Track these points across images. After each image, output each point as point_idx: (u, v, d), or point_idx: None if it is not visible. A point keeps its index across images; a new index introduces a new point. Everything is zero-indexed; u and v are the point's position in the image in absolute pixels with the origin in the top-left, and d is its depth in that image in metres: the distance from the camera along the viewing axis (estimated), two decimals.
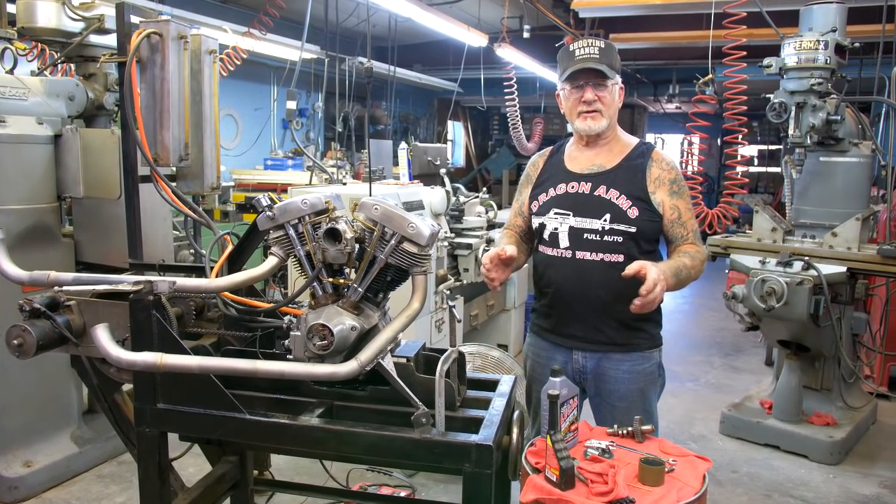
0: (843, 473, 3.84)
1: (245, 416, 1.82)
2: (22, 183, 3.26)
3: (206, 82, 3.28)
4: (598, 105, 2.22)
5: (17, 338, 1.90)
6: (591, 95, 2.21)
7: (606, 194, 2.20)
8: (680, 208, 2.22)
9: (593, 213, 2.21)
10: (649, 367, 2.28)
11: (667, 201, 2.21)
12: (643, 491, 1.61)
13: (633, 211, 2.18)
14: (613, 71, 2.21)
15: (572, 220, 2.23)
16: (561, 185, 2.29)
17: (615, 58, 2.23)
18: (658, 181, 2.22)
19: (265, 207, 1.83)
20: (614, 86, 2.23)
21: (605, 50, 2.20)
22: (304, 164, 8.31)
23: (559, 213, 2.25)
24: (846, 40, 3.86)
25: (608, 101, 2.22)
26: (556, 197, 2.28)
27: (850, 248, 3.80)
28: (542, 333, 2.40)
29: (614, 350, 2.26)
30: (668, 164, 2.26)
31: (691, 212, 2.25)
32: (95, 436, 3.67)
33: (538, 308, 2.42)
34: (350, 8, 7.47)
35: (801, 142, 3.89)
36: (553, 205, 2.27)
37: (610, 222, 2.18)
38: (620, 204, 2.18)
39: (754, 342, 6.30)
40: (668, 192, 2.21)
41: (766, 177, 14.91)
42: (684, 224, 2.23)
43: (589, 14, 7.72)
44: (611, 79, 2.21)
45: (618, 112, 2.29)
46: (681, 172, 2.29)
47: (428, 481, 3.49)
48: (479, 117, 15.87)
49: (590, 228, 2.20)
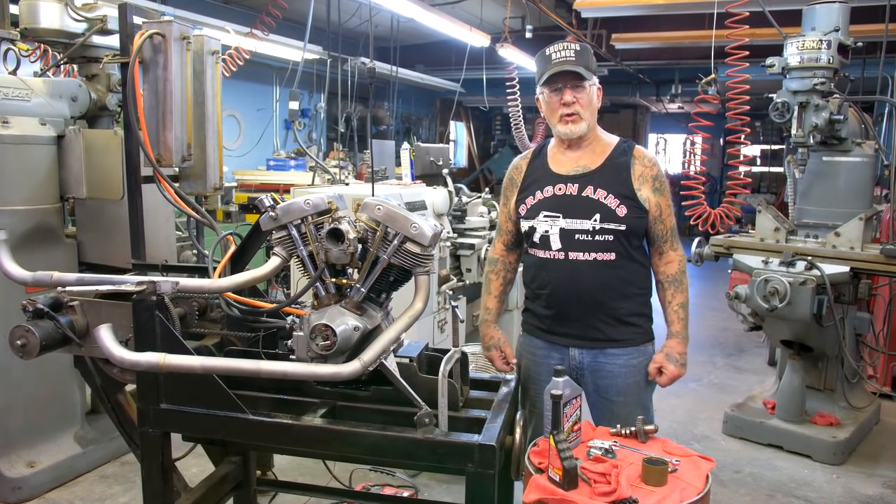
0: (846, 474, 3.83)
1: (248, 416, 1.82)
2: (25, 184, 3.26)
3: (208, 83, 3.28)
4: (576, 107, 2.23)
5: (21, 338, 1.90)
6: (569, 97, 2.23)
7: (594, 194, 2.23)
8: (661, 205, 2.27)
9: (583, 214, 2.23)
10: (644, 361, 2.32)
11: (651, 198, 2.25)
12: (646, 491, 1.61)
13: (621, 209, 2.21)
14: (590, 72, 2.24)
15: (563, 221, 2.25)
16: (548, 188, 2.30)
17: (591, 60, 2.26)
18: (642, 178, 2.25)
19: (268, 208, 1.83)
20: (592, 87, 2.26)
21: (581, 52, 2.23)
22: (306, 164, 8.32)
23: (549, 216, 2.27)
24: (849, 40, 3.85)
25: (586, 103, 2.24)
26: (545, 200, 2.30)
27: (854, 247, 3.79)
28: (536, 333, 2.41)
29: (610, 345, 2.29)
30: (650, 160, 2.30)
31: (671, 209, 2.31)
32: (99, 436, 3.68)
33: (531, 308, 2.43)
34: (352, 8, 7.47)
35: (803, 141, 3.88)
36: (542, 207, 2.29)
37: (600, 222, 2.21)
38: (609, 203, 2.21)
39: (757, 342, 6.29)
40: (651, 189, 2.26)
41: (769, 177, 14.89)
42: (664, 221, 2.28)
43: (591, 14, 7.73)
44: (588, 80, 2.23)
45: (597, 112, 2.32)
46: (662, 168, 2.35)
47: (431, 481, 3.49)
48: (482, 117, 15.87)
49: (581, 229, 2.22)
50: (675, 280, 2.32)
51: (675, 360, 2.28)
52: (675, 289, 2.32)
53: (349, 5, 7.26)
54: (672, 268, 2.32)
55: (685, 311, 2.33)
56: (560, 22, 8.17)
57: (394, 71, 7.97)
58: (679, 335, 2.31)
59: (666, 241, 2.31)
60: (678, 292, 2.32)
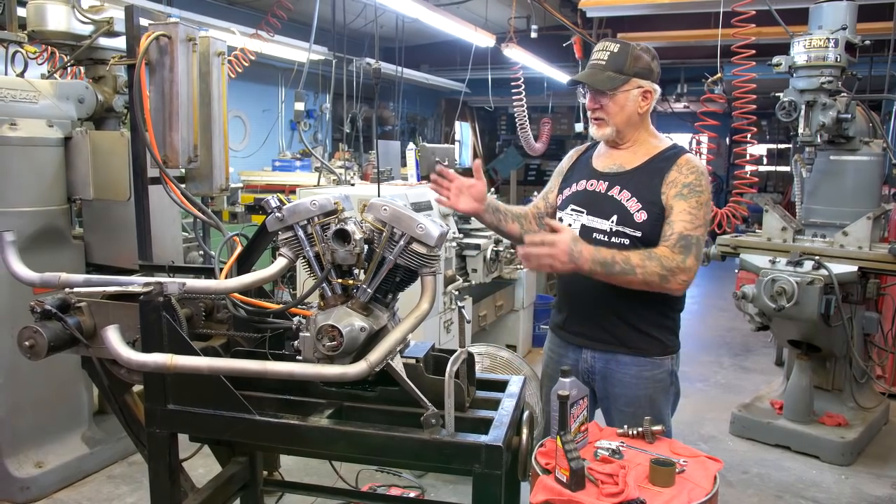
0: (855, 474, 3.81)
1: (255, 416, 1.82)
2: (32, 185, 3.28)
3: (214, 84, 3.30)
4: (599, 113, 2.20)
5: (29, 339, 1.91)
6: (591, 104, 2.20)
7: (619, 195, 2.17)
8: (675, 208, 2.08)
9: (604, 214, 2.18)
10: (659, 374, 2.22)
11: (669, 202, 2.10)
12: (654, 492, 1.60)
13: (640, 215, 2.12)
14: (622, 76, 2.13)
15: (585, 218, 2.22)
16: (582, 182, 2.28)
17: (628, 61, 2.14)
18: (672, 184, 2.10)
19: (274, 209, 1.83)
20: (623, 93, 2.15)
21: (617, 55, 2.15)
22: (312, 165, 8.33)
23: (575, 210, 2.25)
24: (856, 38, 3.84)
25: (612, 110, 2.17)
26: (576, 193, 2.28)
27: (861, 247, 3.77)
28: (556, 330, 2.40)
29: (622, 352, 2.22)
30: (692, 168, 2.12)
31: (690, 215, 2.06)
32: (106, 437, 3.69)
33: (554, 304, 2.44)
34: (357, 9, 7.47)
35: (811, 140, 3.86)
36: (571, 201, 2.27)
37: (616, 224, 2.15)
38: (629, 206, 2.14)
39: (764, 342, 6.27)
40: (675, 194, 2.10)
41: (776, 176, 14.81)
42: (671, 223, 2.07)
43: (596, 14, 7.71)
44: (612, 89, 2.14)
45: (640, 115, 2.19)
46: (707, 181, 2.13)
47: (437, 482, 3.49)
48: (487, 118, 15.84)
49: (599, 228, 2.18)
50: (649, 254, 2.02)
51: (564, 243, 1.94)
52: (645, 253, 2.03)
53: (354, 6, 7.26)
54: (662, 251, 2.03)
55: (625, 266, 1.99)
56: (565, 22, 8.16)
57: (399, 71, 7.96)
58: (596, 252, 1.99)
59: (667, 242, 2.06)
60: (641, 256, 2.01)
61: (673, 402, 2.31)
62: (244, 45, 5.49)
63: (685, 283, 2.05)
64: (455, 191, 2.26)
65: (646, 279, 2.00)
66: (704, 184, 2.12)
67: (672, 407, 2.32)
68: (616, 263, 1.99)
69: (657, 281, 2.01)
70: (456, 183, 2.26)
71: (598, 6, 6.91)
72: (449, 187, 2.26)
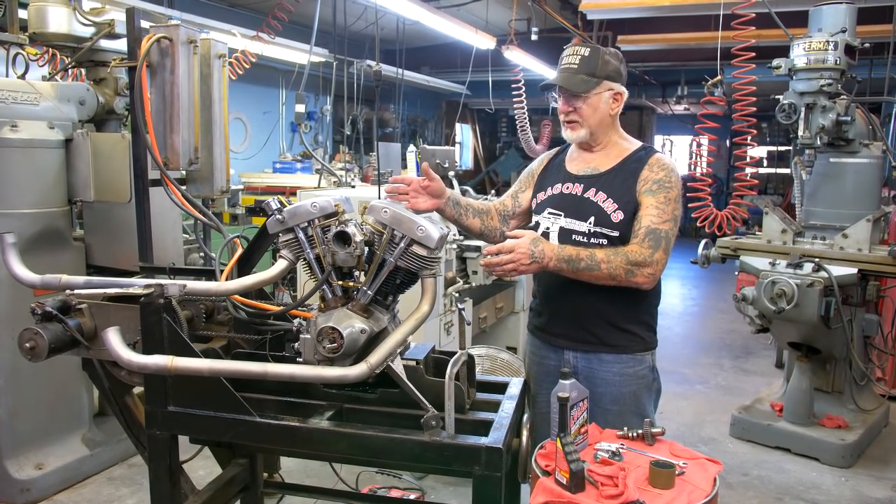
0: (855, 476, 3.81)
1: (255, 418, 1.82)
2: (33, 187, 3.28)
3: (215, 86, 3.30)
4: (573, 116, 2.21)
5: (30, 341, 1.91)
6: (564, 107, 2.22)
7: (595, 197, 2.20)
8: (643, 203, 2.12)
9: (581, 216, 2.20)
10: (641, 371, 2.25)
11: (639, 198, 2.14)
12: (654, 494, 1.60)
13: (617, 215, 2.15)
14: (594, 79, 2.17)
15: (563, 220, 2.23)
16: (557, 185, 2.30)
17: (599, 64, 2.18)
18: (644, 181, 2.15)
19: (275, 211, 1.84)
20: (595, 95, 2.19)
21: (588, 58, 2.18)
22: (312, 167, 8.34)
23: (552, 213, 2.26)
24: (856, 41, 3.84)
25: (586, 112, 2.20)
26: (552, 197, 2.29)
27: (861, 249, 3.78)
28: (535, 332, 2.40)
29: (604, 351, 2.23)
30: (662, 166, 2.18)
31: (658, 210, 2.10)
32: (106, 438, 3.69)
33: (533, 307, 2.43)
34: (358, 11, 7.48)
35: (810, 143, 3.86)
36: (548, 204, 2.29)
37: (594, 225, 2.17)
38: (606, 207, 2.17)
39: (764, 344, 6.27)
40: (646, 191, 2.14)
41: (776, 178, 14.83)
42: (639, 219, 2.11)
43: (597, 16, 7.72)
44: (584, 93, 2.17)
45: (612, 117, 2.25)
46: (676, 178, 2.18)
47: (437, 484, 3.49)
48: (487, 120, 15.88)
49: (577, 230, 2.20)
50: (616, 251, 2.07)
51: (523, 246, 1.97)
52: (612, 250, 2.07)
53: (355, 8, 7.27)
54: (631, 248, 2.06)
55: (590, 262, 2.02)
56: (566, 24, 8.17)
57: (400, 73, 7.97)
58: (560, 250, 2.03)
59: (636, 238, 2.09)
60: (606, 252, 2.06)
61: (655, 398, 2.34)
62: (245, 47, 5.50)
63: (652, 276, 2.09)
64: (413, 193, 2.27)
65: (611, 273, 2.04)
66: (674, 180, 2.17)
67: (654, 403, 2.34)
68: (581, 259, 2.03)
69: (623, 275, 2.05)
70: (413, 185, 2.27)
71: (599, 8, 6.92)
72: (406, 191, 2.26)
